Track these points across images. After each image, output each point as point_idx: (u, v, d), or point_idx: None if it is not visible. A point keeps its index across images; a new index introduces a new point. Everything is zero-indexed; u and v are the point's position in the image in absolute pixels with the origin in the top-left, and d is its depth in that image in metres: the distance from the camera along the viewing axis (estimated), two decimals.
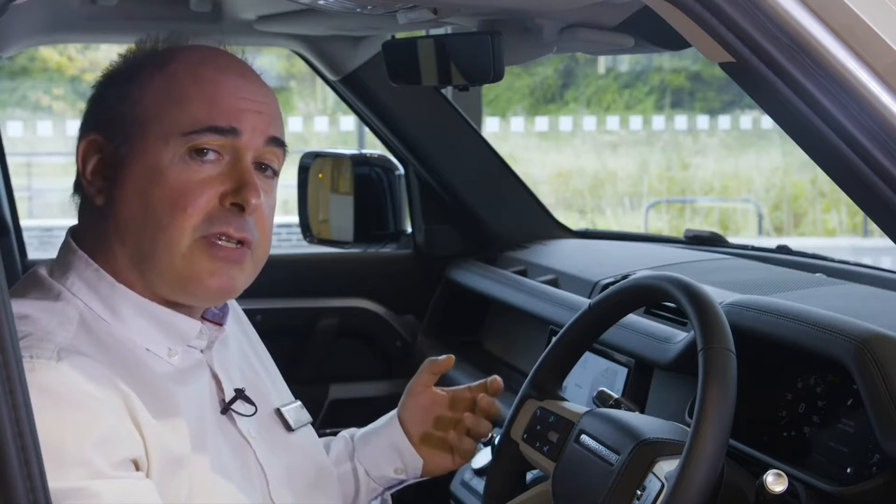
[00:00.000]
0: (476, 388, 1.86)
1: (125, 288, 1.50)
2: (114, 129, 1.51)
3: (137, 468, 1.39)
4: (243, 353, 1.68)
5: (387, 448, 1.84)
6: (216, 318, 1.60)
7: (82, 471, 1.32)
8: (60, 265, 1.53)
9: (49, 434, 1.29)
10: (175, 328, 1.52)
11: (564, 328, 1.86)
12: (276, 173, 1.57)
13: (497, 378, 1.87)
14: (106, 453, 1.35)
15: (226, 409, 1.56)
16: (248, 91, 1.52)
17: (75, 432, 1.34)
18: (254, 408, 1.59)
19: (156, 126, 1.48)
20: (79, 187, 1.55)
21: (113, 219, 1.50)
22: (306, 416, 1.71)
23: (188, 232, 1.47)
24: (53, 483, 1.26)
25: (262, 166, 1.54)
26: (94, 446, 1.34)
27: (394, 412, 1.87)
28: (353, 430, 1.90)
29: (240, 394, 1.58)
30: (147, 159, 1.48)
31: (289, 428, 1.65)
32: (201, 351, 1.57)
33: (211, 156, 1.48)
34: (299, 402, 1.72)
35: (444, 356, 1.87)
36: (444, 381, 1.92)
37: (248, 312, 1.80)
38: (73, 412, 1.35)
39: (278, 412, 1.66)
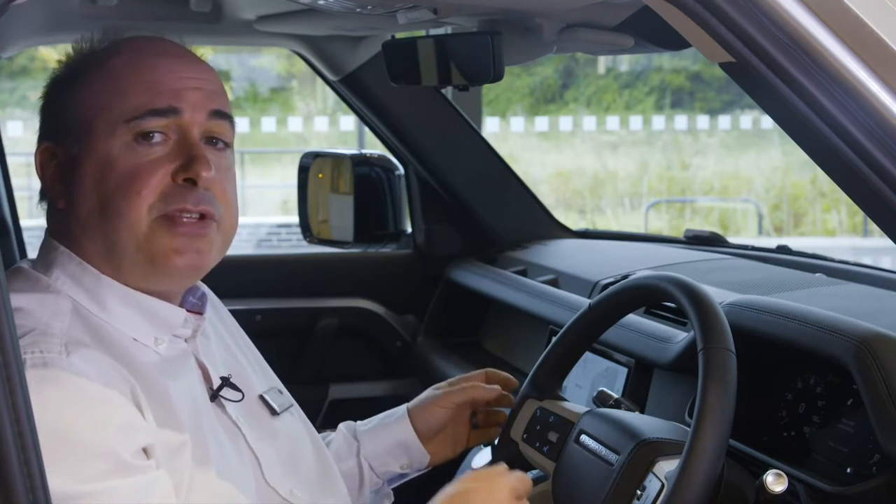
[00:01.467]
0: (479, 392, 1.89)
1: (109, 279, 1.51)
2: (64, 134, 1.53)
3: (149, 456, 1.40)
4: (223, 342, 1.70)
5: (394, 445, 1.86)
6: (195, 308, 1.61)
7: (107, 462, 1.33)
8: (43, 262, 1.54)
9: (71, 428, 1.32)
10: (160, 317, 1.53)
11: (564, 328, 1.86)
12: (227, 145, 1.57)
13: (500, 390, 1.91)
14: (126, 442, 1.36)
15: (214, 395, 1.57)
16: (185, 70, 1.54)
17: (96, 423, 1.35)
18: (241, 394, 1.60)
19: (101, 121, 1.50)
20: (43, 196, 1.57)
21: (76, 218, 1.51)
22: (288, 400, 1.72)
23: (145, 212, 1.48)
24: (77, 483, 1.29)
25: (212, 140, 1.54)
26: (114, 435, 1.35)
27: (403, 409, 1.89)
28: (349, 423, 1.91)
29: (226, 381, 1.59)
30: (97, 154, 1.49)
31: (274, 412, 1.66)
32: (186, 341, 1.58)
33: (157, 138, 1.50)
34: (279, 386, 1.73)
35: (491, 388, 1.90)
36: (442, 379, 1.93)
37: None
38: (91, 404, 1.36)
39: (262, 398, 1.67)
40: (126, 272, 1.51)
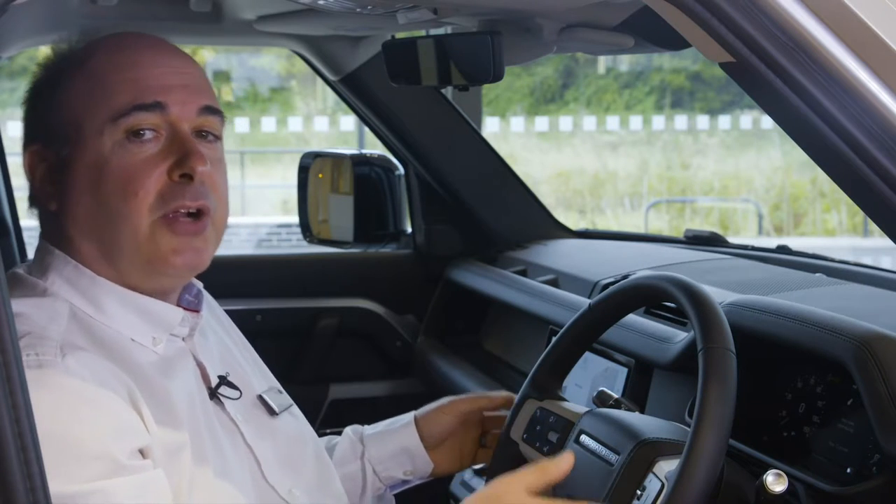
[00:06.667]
0: (485, 401, 1.90)
1: (105, 280, 1.51)
2: (52, 136, 1.53)
3: (146, 457, 1.40)
4: (220, 342, 1.70)
5: (399, 451, 1.85)
6: (192, 306, 1.60)
7: (103, 464, 1.33)
8: (38, 266, 1.54)
9: (66, 430, 1.32)
10: (158, 316, 1.53)
11: (564, 328, 1.86)
12: (217, 138, 1.57)
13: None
14: (122, 444, 1.36)
15: (213, 393, 1.57)
16: (169, 66, 1.53)
17: (92, 426, 1.35)
18: (238, 392, 1.60)
19: (88, 122, 1.50)
20: (33, 199, 1.57)
21: (71, 219, 1.51)
22: (287, 400, 1.72)
23: (146, 214, 1.48)
24: (72, 484, 1.29)
25: (202, 133, 1.54)
26: (111, 438, 1.36)
27: (410, 416, 1.88)
28: (356, 427, 1.91)
29: (223, 379, 1.59)
30: (89, 156, 1.49)
31: (272, 412, 1.66)
32: (183, 339, 1.58)
33: (148, 135, 1.49)
34: (278, 386, 1.73)
35: (499, 397, 1.89)
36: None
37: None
38: (87, 406, 1.36)
39: (261, 398, 1.67)
40: (124, 272, 1.51)
